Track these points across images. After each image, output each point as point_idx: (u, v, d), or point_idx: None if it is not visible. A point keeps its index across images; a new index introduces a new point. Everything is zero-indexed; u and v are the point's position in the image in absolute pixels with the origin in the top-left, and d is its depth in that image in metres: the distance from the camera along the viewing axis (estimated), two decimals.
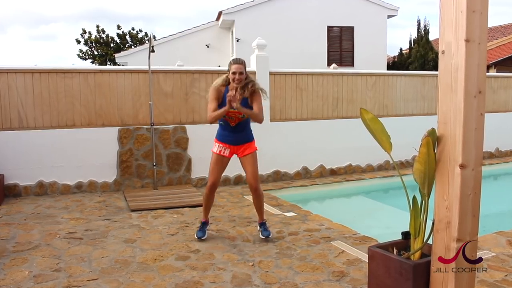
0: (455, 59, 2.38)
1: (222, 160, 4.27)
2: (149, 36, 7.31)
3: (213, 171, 4.25)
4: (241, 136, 4.25)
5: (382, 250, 2.86)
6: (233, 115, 4.11)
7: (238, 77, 4.04)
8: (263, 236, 4.36)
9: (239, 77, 4.04)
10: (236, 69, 4.05)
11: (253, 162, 4.24)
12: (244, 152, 4.26)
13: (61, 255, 3.98)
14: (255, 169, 4.23)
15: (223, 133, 4.25)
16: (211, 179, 4.25)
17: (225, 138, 4.25)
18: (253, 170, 4.22)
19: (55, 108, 6.51)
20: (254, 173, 4.22)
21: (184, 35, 18.64)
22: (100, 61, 25.96)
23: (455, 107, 2.40)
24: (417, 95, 8.95)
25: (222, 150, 4.25)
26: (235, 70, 4.05)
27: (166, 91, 7.05)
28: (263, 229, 4.41)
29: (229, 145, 4.25)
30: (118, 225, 4.93)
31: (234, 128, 4.20)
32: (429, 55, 17.63)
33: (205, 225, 4.47)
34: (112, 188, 6.79)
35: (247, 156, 4.24)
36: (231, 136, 4.23)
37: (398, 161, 8.59)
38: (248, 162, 4.23)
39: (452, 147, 2.43)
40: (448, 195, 2.46)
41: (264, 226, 4.45)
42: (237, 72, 4.04)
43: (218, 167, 4.26)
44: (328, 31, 17.83)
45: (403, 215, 3.39)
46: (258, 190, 4.28)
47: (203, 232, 4.42)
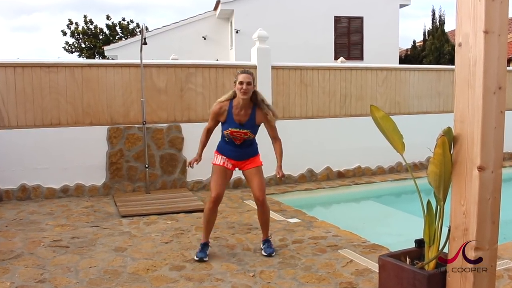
0: (473, 52, 2.39)
1: (226, 172, 4.20)
2: (141, 27, 7.32)
3: (217, 183, 4.12)
4: (245, 152, 4.21)
5: (394, 260, 2.86)
6: (238, 135, 4.09)
7: (246, 87, 3.95)
8: (265, 253, 4.22)
9: (246, 87, 3.95)
10: (244, 79, 3.97)
11: (259, 174, 4.20)
12: (248, 166, 4.22)
13: (46, 264, 3.98)
14: (261, 182, 4.18)
15: (226, 147, 4.20)
16: (215, 191, 4.08)
17: (227, 152, 4.20)
18: (259, 182, 4.17)
19: (39, 105, 6.52)
20: (261, 185, 4.16)
21: (179, 26, 18.65)
22: (88, 55, 25.97)
23: (473, 104, 2.40)
24: (431, 91, 8.95)
25: (225, 162, 4.19)
26: (242, 80, 3.97)
27: (160, 87, 7.05)
28: (267, 246, 4.28)
29: (231, 159, 4.21)
30: (107, 232, 4.93)
31: (239, 145, 4.18)
32: (444, 48, 17.62)
33: (206, 247, 4.22)
34: (100, 192, 6.79)
35: (252, 169, 4.20)
36: (235, 152, 4.19)
37: (411, 162, 8.58)
38: (254, 174, 4.19)
39: (470, 147, 2.43)
40: (466, 199, 2.46)
41: (268, 243, 4.31)
42: (245, 82, 3.95)
43: (222, 179, 4.16)
44: (335, 22, 17.82)
45: (417, 221, 3.39)
46: (265, 204, 4.22)
47: (204, 253, 4.15)
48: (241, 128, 4.06)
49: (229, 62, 13.88)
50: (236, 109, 4.06)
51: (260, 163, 4.25)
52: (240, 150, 4.17)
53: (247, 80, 3.97)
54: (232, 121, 4.07)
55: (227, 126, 4.09)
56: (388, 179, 8.17)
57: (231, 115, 4.07)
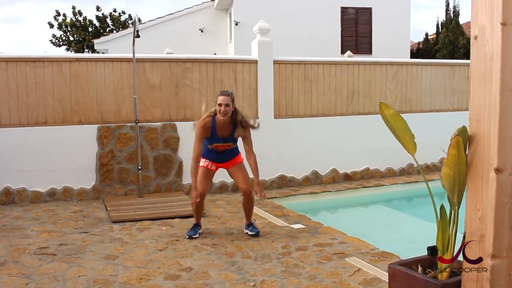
0: (489, 46, 2.38)
1: (209, 173, 4.93)
2: (133, 18, 7.32)
3: (201, 183, 4.80)
4: (227, 155, 4.94)
5: (404, 268, 2.86)
6: (221, 147, 4.85)
7: (224, 109, 4.62)
8: (252, 233, 4.89)
9: (224, 109, 4.62)
10: (222, 101, 4.63)
11: (242, 169, 4.92)
12: (231, 164, 4.96)
13: (31, 273, 3.99)
14: (245, 175, 4.90)
15: (210, 154, 4.90)
16: (199, 189, 4.75)
17: (211, 157, 4.91)
18: (243, 175, 4.89)
19: (24, 102, 6.53)
20: (246, 178, 4.89)
21: (174, 17, 18.66)
22: (77, 48, 26.00)
23: (489, 101, 2.40)
24: (445, 87, 8.95)
25: (209, 165, 4.91)
26: (221, 102, 4.63)
27: (153, 83, 7.06)
28: (252, 228, 4.95)
29: (215, 162, 4.95)
30: (97, 239, 4.94)
31: (222, 152, 4.91)
32: (459, 41, 17.63)
33: (197, 227, 5.02)
34: (90, 196, 6.80)
35: (235, 166, 4.94)
36: (218, 157, 4.93)
37: (423, 164, 8.59)
38: (237, 169, 4.92)
39: (486, 148, 2.43)
40: (482, 203, 2.46)
41: (252, 225, 4.98)
42: (223, 104, 4.62)
43: (206, 179, 4.89)
44: (342, 13, 17.82)
45: (429, 227, 3.39)
46: (251, 195, 4.88)
47: (194, 231, 4.94)
48: (224, 142, 4.80)
49: (228, 56, 13.89)
50: (219, 125, 4.74)
51: (241, 160, 4.99)
52: (223, 155, 4.92)
53: (225, 102, 4.64)
54: (216, 136, 4.76)
55: (211, 141, 4.78)
56: (399, 181, 8.18)
57: (215, 131, 4.74)
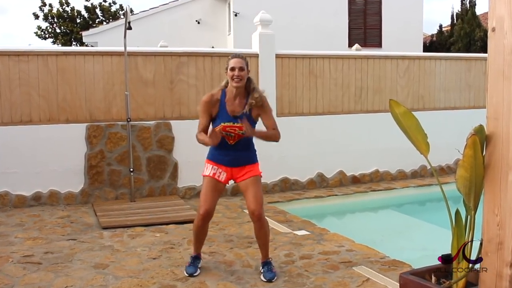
0: (508, 38, 2.39)
1: (217, 186, 4.12)
2: (125, 9, 7.32)
3: (207, 197, 4.07)
4: (241, 156, 4.12)
5: (417, 278, 2.86)
6: (232, 130, 3.98)
7: (238, 73, 3.92)
8: (264, 279, 4.04)
9: (238, 73, 3.92)
10: (235, 64, 3.93)
11: (256, 184, 4.08)
12: (244, 176, 4.11)
13: (15, 283, 3.98)
14: (258, 192, 4.06)
15: (217, 153, 4.12)
16: (204, 206, 4.05)
17: (220, 158, 4.11)
18: (256, 192, 4.04)
19: (7, 99, 6.53)
20: (258, 197, 4.04)
21: (169, 8, 18.65)
22: (64, 41, 26.03)
23: (508, 98, 2.40)
24: (460, 83, 8.95)
25: (216, 173, 4.11)
26: (234, 66, 3.93)
27: (146, 79, 7.06)
28: (266, 270, 4.11)
29: (225, 167, 4.11)
30: (86, 247, 4.94)
31: (233, 146, 4.06)
32: (475, 34, 17.62)
33: (196, 260, 4.28)
34: (78, 200, 6.81)
35: (248, 179, 4.09)
36: (229, 155, 4.09)
37: (437, 166, 8.59)
38: (250, 184, 4.07)
39: (505, 148, 2.43)
40: (500, 208, 2.46)
41: (268, 266, 4.15)
42: (237, 68, 3.92)
43: (212, 193, 4.10)
44: (350, 4, 17.81)
45: (444, 233, 3.39)
46: (262, 219, 4.06)
47: (194, 268, 4.20)
48: (235, 122, 3.96)
49: (226, 49, 13.88)
50: (229, 99, 4.04)
51: (258, 173, 4.15)
52: (235, 153, 4.08)
53: (239, 65, 3.93)
54: (224, 114, 4.01)
55: (219, 121, 4.01)
56: (411, 185, 8.17)
57: (224, 106, 4.02)
